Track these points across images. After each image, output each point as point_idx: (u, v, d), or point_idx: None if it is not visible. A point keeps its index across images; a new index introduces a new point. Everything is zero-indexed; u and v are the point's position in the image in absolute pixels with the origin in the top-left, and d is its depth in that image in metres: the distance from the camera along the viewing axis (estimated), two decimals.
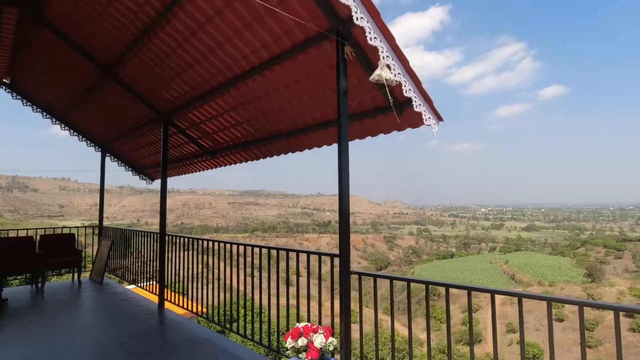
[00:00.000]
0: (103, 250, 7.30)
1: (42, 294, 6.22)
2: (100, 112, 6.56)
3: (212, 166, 6.26)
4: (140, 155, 7.79)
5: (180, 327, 4.56)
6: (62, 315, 5.09)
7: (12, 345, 3.93)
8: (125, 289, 6.55)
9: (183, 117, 5.35)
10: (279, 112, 4.23)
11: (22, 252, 6.50)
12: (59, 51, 5.06)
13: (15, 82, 6.70)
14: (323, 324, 2.83)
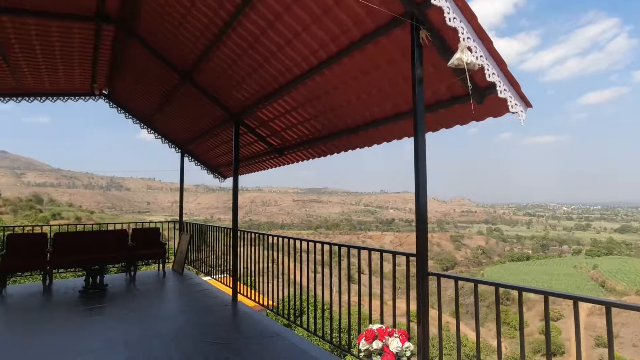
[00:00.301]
0: (183, 244, 7.90)
1: (134, 281, 6.91)
2: (179, 115, 7.08)
3: (280, 164, 6.40)
4: (214, 155, 8.27)
5: (252, 319, 4.72)
6: (150, 302, 5.59)
7: (112, 327, 4.39)
8: (202, 280, 7.01)
9: (253, 116, 5.53)
10: (347, 107, 4.14)
11: (119, 244, 7.29)
12: (146, 61, 5.55)
13: (112, 93, 7.52)
14: (387, 325, 2.69)
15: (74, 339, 3.99)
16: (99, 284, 6.20)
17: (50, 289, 6.27)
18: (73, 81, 6.76)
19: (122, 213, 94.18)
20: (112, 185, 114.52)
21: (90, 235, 7.23)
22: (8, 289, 6.28)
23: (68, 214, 67.09)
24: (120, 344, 3.81)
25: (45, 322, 4.57)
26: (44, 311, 5.09)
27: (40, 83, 6.64)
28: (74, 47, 5.29)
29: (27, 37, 4.77)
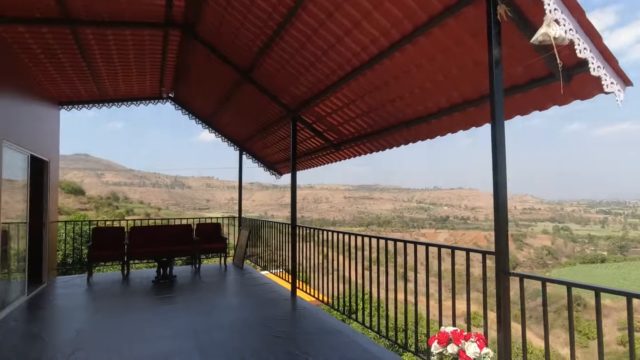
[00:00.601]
0: (242, 239, 8.19)
1: (199, 273, 7.31)
2: (239, 114, 7.32)
3: (336, 159, 6.34)
4: (270, 152, 8.45)
5: (311, 315, 4.72)
6: (215, 293, 5.85)
7: (181, 317, 4.65)
8: (260, 275, 7.20)
9: (309, 111, 5.52)
10: (409, 97, 3.95)
11: (185, 238, 7.75)
12: (208, 63, 5.79)
13: (177, 95, 8.00)
14: (443, 325, 2.50)
15: (150, 325, 4.28)
16: (169, 275, 6.63)
17: (128, 278, 6.84)
18: (144, 86, 7.28)
19: (185, 210, 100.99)
20: (176, 184, 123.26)
21: (160, 229, 7.77)
22: (94, 276, 6.96)
23: (139, 210, 73.57)
24: (190, 333, 4.01)
25: (126, 309, 4.97)
26: (124, 298, 5.55)
27: (117, 90, 7.25)
28: (145, 53, 5.67)
29: (107, 47, 5.20)
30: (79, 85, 6.67)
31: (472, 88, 3.36)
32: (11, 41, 4.69)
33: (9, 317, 4.56)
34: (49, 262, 6.47)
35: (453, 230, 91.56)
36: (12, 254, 5.04)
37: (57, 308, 5.04)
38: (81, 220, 9.16)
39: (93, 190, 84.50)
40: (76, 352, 3.50)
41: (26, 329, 4.17)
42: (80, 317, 4.63)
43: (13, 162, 4.96)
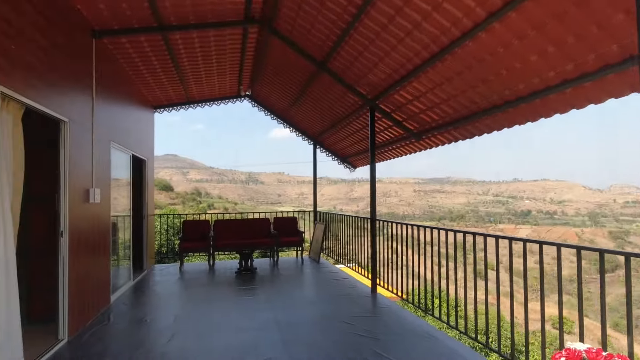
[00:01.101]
0: (318, 233, 8.20)
1: (277, 266, 7.49)
2: (313, 107, 7.29)
3: (417, 149, 5.95)
4: (344, 145, 8.31)
5: (395, 313, 4.48)
6: (294, 287, 5.91)
7: (263, 308, 4.74)
8: (337, 269, 7.12)
9: (388, 100, 5.24)
10: (507, 75, 3.45)
11: (264, 231, 8.01)
12: (284, 57, 5.81)
13: (254, 93, 8.27)
14: (532, 331, 2.03)
15: (235, 316, 4.43)
16: (250, 267, 6.89)
17: (213, 269, 7.27)
18: (224, 86, 7.63)
19: (259, 204, 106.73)
20: (250, 180, 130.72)
21: (241, 223, 8.13)
22: (185, 266, 7.54)
23: (218, 205, 79.67)
24: (273, 325, 4.05)
25: (213, 298, 5.23)
26: (211, 288, 5.87)
27: (201, 91, 7.71)
28: (226, 53, 5.89)
29: (192, 49, 5.50)
30: (169, 89, 7.21)
31: (597, 56, 2.79)
32: (115, 52, 5.18)
33: (119, 301, 5.08)
34: (148, 251, 7.15)
35: (536, 226, 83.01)
36: (120, 244, 5.63)
37: (156, 294, 5.50)
38: (172, 214, 10.03)
39: (180, 187, 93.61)
40: (174, 337, 3.73)
41: (132, 312, 4.60)
42: (175, 304, 4.99)
43: (119, 161, 5.50)
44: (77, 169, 3.88)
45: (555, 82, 3.18)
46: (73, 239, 3.75)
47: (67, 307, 3.62)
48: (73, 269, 3.75)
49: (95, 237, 4.40)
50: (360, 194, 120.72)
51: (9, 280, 2.65)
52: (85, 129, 4.14)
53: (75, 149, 3.86)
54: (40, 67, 3.23)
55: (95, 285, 4.40)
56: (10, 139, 2.83)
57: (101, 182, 4.58)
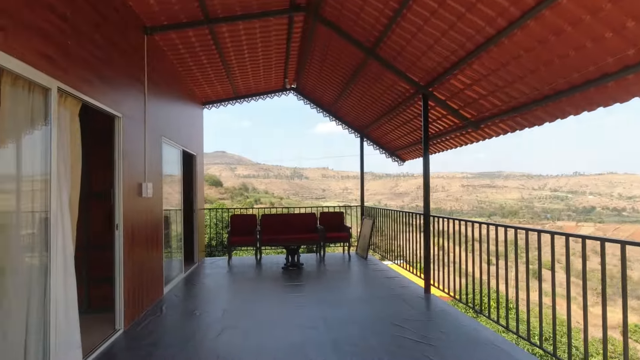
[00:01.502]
0: (366, 228, 7.93)
1: (323, 262, 7.34)
2: (360, 98, 7.00)
3: (474, 139, 5.46)
4: (393, 137, 7.94)
5: (452, 317, 4.12)
6: (342, 284, 5.71)
7: (311, 306, 4.59)
8: (386, 267, 6.82)
9: (442, 86, 4.83)
10: (576, 56, 2.95)
11: (310, 227, 7.90)
12: (331, 45, 5.59)
13: (299, 86, 8.15)
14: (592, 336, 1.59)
15: (283, 313, 4.32)
16: (296, 263, 6.81)
17: (260, 263, 7.29)
18: (270, 79, 7.59)
19: (304, 199, 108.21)
20: (295, 175, 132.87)
21: (287, 217, 8.08)
22: (233, 260, 7.65)
23: (265, 199, 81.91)
24: (321, 324, 3.88)
25: (260, 294, 5.19)
26: (258, 283, 5.85)
27: (248, 86, 7.74)
28: (272, 44, 5.80)
29: (239, 41, 5.47)
30: (217, 85, 7.31)
31: None
32: (165, 48, 5.28)
33: (171, 292, 5.22)
34: (198, 244, 7.34)
35: (601, 224, 75.76)
36: (172, 237, 5.79)
37: (206, 287, 5.58)
38: (221, 208, 10.28)
39: (228, 182, 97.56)
40: (223, 332, 3.70)
41: (183, 305, 4.67)
42: (224, 298, 5.02)
43: (170, 156, 5.64)
44: (130, 164, 3.97)
45: None
46: (127, 232, 3.84)
47: (123, 298, 3.72)
48: (128, 261, 3.84)
49: (149, 231, 4.51)
50: (405, 189, 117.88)
51: (67, 272, 2.72)
52: (137, 124, 4.23)
53: (129, 144, 3.95)
54: (95, 63, 3.29)
55: (149, 277, 4.52)
56: (68, 133, 2.90)
57: (153, 177, 4.68)
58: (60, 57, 2.73)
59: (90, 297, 4.36)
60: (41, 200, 2.54)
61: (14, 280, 2.32)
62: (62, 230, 2.70)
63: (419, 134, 6.92)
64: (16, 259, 2.36)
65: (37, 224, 2.52)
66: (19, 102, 2.37)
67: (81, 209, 4.36)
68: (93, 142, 4.42)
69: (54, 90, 2.62)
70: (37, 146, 2.52)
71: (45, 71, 2.52)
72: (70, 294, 2.76)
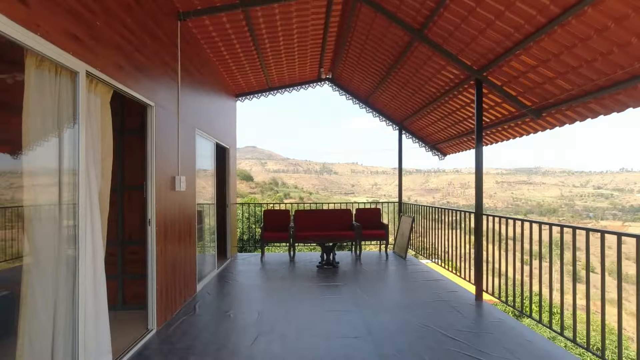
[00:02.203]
0: (405, 226, 7.48)
1: (359, 261, 6.98)
2: (401, 88, 6.54)
3: (533, 129, 4.87)
4: (434, 130, 7.41)
5: (513, 331, 3.64)
6: (382, 286, 5.32)
7: (351, 311, 4.25)
8: (428, 268, 6.35)
9: (498, 71, 4.30)
10: None
11: (346, 223, 7.55)
12: (372, 28, 5.18)
13: (335, 76, 7.78)
14: None
15: (322, 318, 4.01)
16: (332, 261, 6.48)
17: (294, 261, 7.04)
18: (305, 69, 7.27)
19: (333, 194, 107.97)
20: (324, 170, 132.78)
21: (322, 213, 7.77)
22: (265, 256, 7.46)
23: (294, 194, 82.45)
24: (365, 334, 3.54)
25: (296, 295, 4.91)
26: (293, 282, 5.57)
27: (281, 77, 7.46)
28: (308, 29, 5.46)
29: (274, 27, 5.17)
30: (250, 76, 7.08)
31: None
32: (199, 36, 5.07)
33: (204, 290, 5.05)
34: (231, 239, 7.19)
35: None
36: (206, 232, 5.63)
37: (239, 285, 5.38)
38: (253, 203, 10.14)
39: (259, 177, 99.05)
40: (259, 337, 3.43)
41: (217, 304, 4.47)
42: (258, 298, 4.77)
43: (204, 150, 5.46)
44: (163, 156, 3.77)
45: None
46: (160, 227, 3.66)
47: (156, 296, 3.55)
48: (160, 258, 3.67)
49: (182, 226, 4.34)
50: (436, 185, 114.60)
51: (96, 271, 2.53)
52: (170, 115, 4.04)
53: (161, 135, 3.75)
54: (126, 47, 3.09)
55: (183, 274, 4.35)
56: (99, 122, 2.71)
57: (186, 170, 4.50)
58: (89, 39, 2.52)
59: (124, 294, 4.25)
60: (68, 193, 2.35)
61: (39, 281, 2.14)
62: (91, 225, 2.51)
63: (464, 125, 6.37)
64: (42, 256, 2.18)
65: (64, 218, 2.33)
66: (45, 86, 2.17)
67: (116, 202, 4.28)
68: (130, 133, 4.29)
69: (82, 74, 2.41)
70: (64, 135, 2.33)
71: (73, 52, 2.32)
72: (100, 294, 2.57)
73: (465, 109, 5.77)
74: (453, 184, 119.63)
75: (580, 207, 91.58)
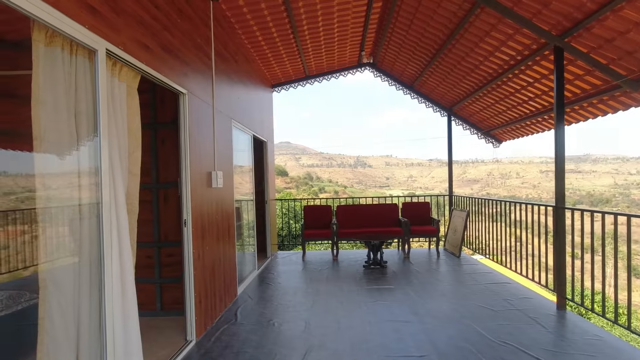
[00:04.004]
0: (458, 221, 6.79)
1: (409, 260, 6.39)
2: (452, 68, 5.83)
3: (626, 105, 4.06)
4: (489, 114, 6.63)
5: (607, 346, 2.95)
6: (438, 290, 4.73)
7: (409, 320, 3.72)
8: (490, 269, 5.65)
9: (585, 35, 3.54)
10: None
11: (392, 219, 6.98)
12: (421, 4, 4.56)
13: (377, 60, 7.18)
14: None
15: (377, 330, 3.52)
16: (380, 260, 5.96)
17: (337, 260, 6.58)
18: (344, 55, 6.74)
19: (367, 187, 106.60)
20: (358, 164, 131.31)
21: (366, 209, 7.25)
22: (307, 254, 7.07)
23: (329, 188, 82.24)
24: (430, 349, 3.00)
25: (344, 300, 4.44)
26: (339, 285, 5.10)
27: (319, 64, 6.98)
28: (349, 13, 4.94)
29: (314, 14, 4.72)
30: (287, 64, 6.66)
31: None
32: (234, 21, 4.69)
33: (245, 293, 4.72)
34: (271, 237, 6.86)
35: None
36: (245, 231, 5.30)
37: (282, 288, 5.00)
38: (291, 199, 9.80)
39: (293, 172, 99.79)
40: (309, 354, 3.00)
41: (259, 310, 4.10)
42: (303, 303, 4.34)
43: (241, 143, 5.11)
44: (198, 150, 3.42)
45: None
46: (197, 228, 3.32)
47: (194, 303, 3.22)
48: (198, 262, 3.33)
49: (220, 226, 4.00)
50: (474, 176, 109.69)
51: (124, 276, 2.20)
52: (205, 104, 3.68)
53: (196, 127, 3.40)
54: (154, 26, 2.73)
55: (222, 278, 4.02)
56: (124, 111, 2.36)
57: (223, 165, 4.15)
58: (108, 11, 2.16)
59: (162, 299, 3.98)
60: (90, 190, 2.02)
61: (59, 288, 1.82)
62: (117, 228, 2.17)
63: (528, 107, 5.59)
64: (62, 259, 1.86)
65: (86, 218, 2.00)
66: (57, 66, 1.83)
67: (150, 201, 4.03)
68: (163, 126, 4.00)
69: (101, 52, 2.06)
70: (81, 127, 1.98)
71: (89, 26, 1.96)
72: (129, 301, 2.24)
73: (533, 87, 5.00)
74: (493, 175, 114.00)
75: (638, 196, 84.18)
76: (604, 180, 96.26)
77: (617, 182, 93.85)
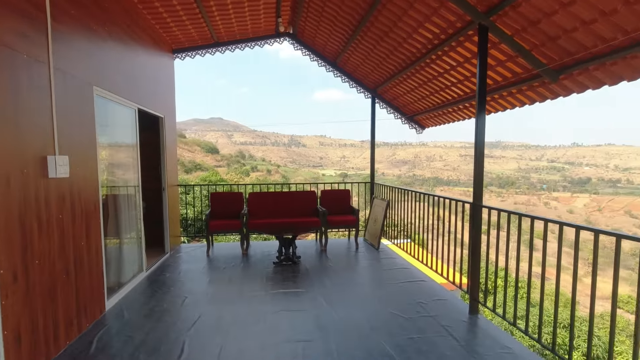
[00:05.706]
0: (377, 211, 6.47)
1: (326, 253, 5.92)
2: (375, 45, 5.30)
3: (546, 96, 3.86)
4: (414, 98, 6.31)
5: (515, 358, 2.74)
6: (352, 293, 4.29)
7: (311, 340, 3.19)
8: (407, 264, 5.40)
9: (511, 13, 3.18)
10: None
11: (309, 208, 6.43)
12: None
13: (296, 31, 6.38)
14: None
15: (274, 354, 2.92)
16: (292, 256, 5.39)
17: (248, 255, 5.86)
18: (258, 22, 5.82)
19: (301, 167, 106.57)
20: (292, 143, 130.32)
21: (281, 197, 6.57)
22: (215, 248, 6.24)
23: (262, 167, 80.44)
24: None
25: (257, 311, 3.77)
26: (241, 289, 4.41)
27: (230, 30, 5.97)
28: None
29: None
30: (190, 27, 5.55)
31: None
32: None
33: (119, 306, 3.76)
34: (170, 230, 5.88)
35: (596, 195, 76.91)
36: (123, 227, 4.28)
37: (173, 295, 4.15)
38: (203, 184, 8.72)
39: (225, 149, 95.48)
40: None
41: (130, 332, 3.23)
42: (188, 318, 3.58)
43: (117, 120, 4.04)
44: (11, 125, 2.38)
45: None
46: (10, 237, 2.31)
47: (7, 342, 2.27)
48: (15, 284, 2.36)
49: (68, 227, 3.00)
50: (403, 157, 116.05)
51: None
52: (31, 60, 2.59)
53: (15, 94, 2.34)
54: None
55: (73, 294, 3.06)
56: None
57: (74, 146, 3.10)
58: None
59: None
60: None
61: None
62: None
63: (449, 93, 5.32)
64: None
65: None
66: None
67: None
68: None
69: None
70: None
71: None
72: None
73: (456, 71, 4.67)
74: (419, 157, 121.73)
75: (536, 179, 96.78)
76: (510, 164, 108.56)
77: (521, 167, 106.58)
